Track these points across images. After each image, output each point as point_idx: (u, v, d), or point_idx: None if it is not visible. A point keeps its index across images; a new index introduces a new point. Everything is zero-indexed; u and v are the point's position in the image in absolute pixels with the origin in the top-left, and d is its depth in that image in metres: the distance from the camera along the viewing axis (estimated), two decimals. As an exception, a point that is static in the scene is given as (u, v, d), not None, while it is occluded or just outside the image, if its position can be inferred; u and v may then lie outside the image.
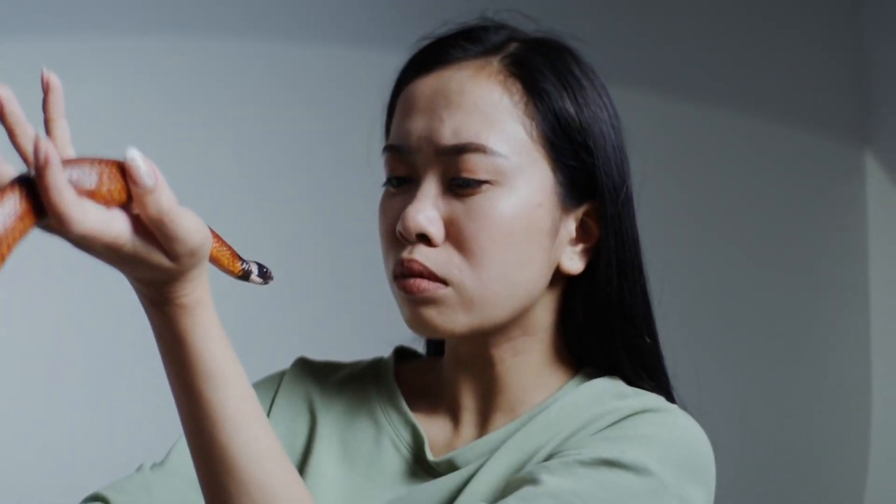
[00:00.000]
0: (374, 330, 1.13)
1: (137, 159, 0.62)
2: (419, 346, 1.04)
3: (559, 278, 0.91)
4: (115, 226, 0.62)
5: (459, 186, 0.86)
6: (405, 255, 0.86)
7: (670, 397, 0.94)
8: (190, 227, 0.64)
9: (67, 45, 2.07)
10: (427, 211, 0.86)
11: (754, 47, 2.78)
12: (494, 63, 0.89)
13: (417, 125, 0.87)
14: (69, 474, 1.91)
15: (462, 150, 0.85)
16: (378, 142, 0.96)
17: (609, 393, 0.90)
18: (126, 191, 0.62)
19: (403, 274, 0.87)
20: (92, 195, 0.60)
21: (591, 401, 0.90)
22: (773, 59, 2.80)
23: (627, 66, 2.63)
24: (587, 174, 0.89)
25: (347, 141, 1.00)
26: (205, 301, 0.68)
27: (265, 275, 0.82)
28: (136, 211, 0.63)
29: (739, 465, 2.68)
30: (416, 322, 0.88)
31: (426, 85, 0.89)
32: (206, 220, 0.66)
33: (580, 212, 0.90)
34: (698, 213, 2.72)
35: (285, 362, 1.03)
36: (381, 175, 0.93)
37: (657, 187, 2.63)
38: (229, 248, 0.78)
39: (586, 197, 0.90)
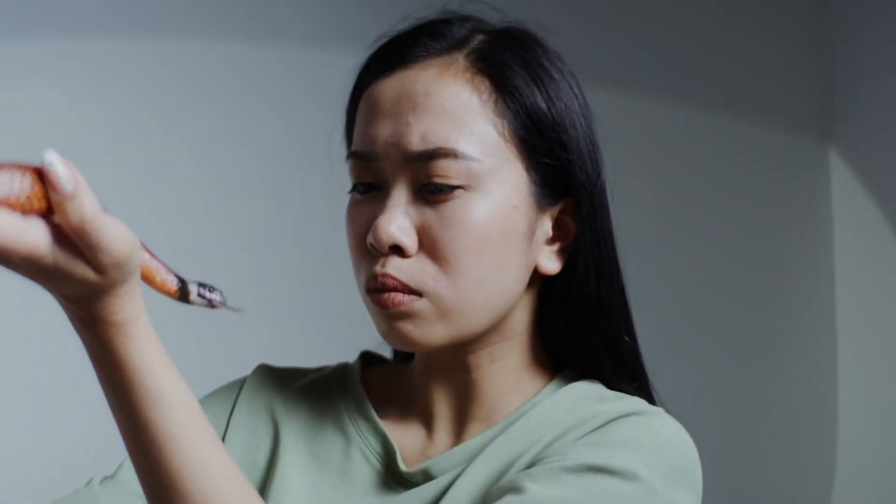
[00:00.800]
0: (338, 334, 1.11)
1: (56, 163, 0.57)
2: (385, 351, 1.00)
3: (536, 279, 0.88)
4: (31, 235, 0.57)
5: (431, 192, 0.82)
6: (378, 269, 0.82)
7: (650, 398, 0.92)
8: (115, 235, 0.59)
9: (25, 47, 2.04)
10: (398, 220, 0.82)
11: (720, 45, 2.79)
12: (460, 60, 0.84)
13: (383, 131, 0.83)
14: (21, 484, 1.88)
15: (432, 155, 0.81)
16: (340, 144, 0.92)
17: (589, 397, 0.87)
18: (46, 198, 0.58)
19: (377, 288, 0.83)
20: (8, 203, 0.56)
21: (570, 405, 0.86)
22: (738, 57, 2.81)
23: (595, 64, 2.62)
24: (562, 171, 0.86)
25: (310, 142, 0.98)
26: (139, 317, 0.64)
27: (208, 296, 0.73)
28: (57, 220, 0.59)
29: (706, 466, 2.68)
30: (393, 336, 0.85)
31: (389, 87, 0.84)
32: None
33: (556, 210, 0.87)
34: (666, 209, 2.72)
35: (246, 369, 0.99)
36: (344, 177, 0.90)
37: (625, 184, 2.66)
38: (162, 263, 0.71)
39: (562, 194, 0.87)
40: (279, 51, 2.25)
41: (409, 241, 0.82)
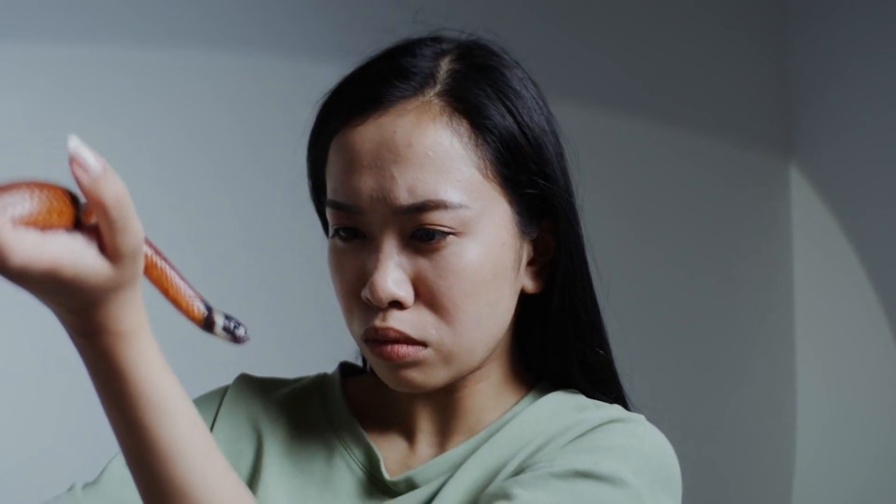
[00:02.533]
0: (313, 344, 1.12)
1: (81, 146, 0.58)
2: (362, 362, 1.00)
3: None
4: (50, 248, 0.57)
5: (421, 240, 0.81)
6: (378, 323, 0.82)
7: (627, 407, 0.93)
8: (137, 220, 0.60)
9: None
10: (393, 274, 0.81)
11: (681, 60, 2.81)
12: (434, 101, 0.83)
13: (366, 184, 0.81)
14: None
15: (421, 208, 0.80)
16: (303, 155, 0.91)
17: (568, 405, 0.89)
18: (62, 213, 0.59)
19: (379, 340, 0.83)
20: (27, 221, 0.57)
21: (551, 413, 0.88)
22: (696, 69, 2.83)
23: (559, 79, 2.64)
24: (542, 197, 0.87)
25: (273, 152, 0.98)
26: (142, 328, 0.63)
27: (233, 331, 0.71)
28: (70, 229, 0.59)
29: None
30: (398, 383, 0.85)
31: (366, 137, 0.82)
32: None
33: (536, 233, 0.88)
34: (627, 223, 2.73)
35: (223, 379, 0.99)
36: (306, 188, 0.90)
37: (589, 198, 2.67)
38: (192, 287, 0.70)
39: (540, 216, 0.88)
40: (242, 59, 2.23)
41: (406, 293, 0.82)
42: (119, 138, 2.11)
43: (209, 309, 0.70)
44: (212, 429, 0.93)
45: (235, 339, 0.72)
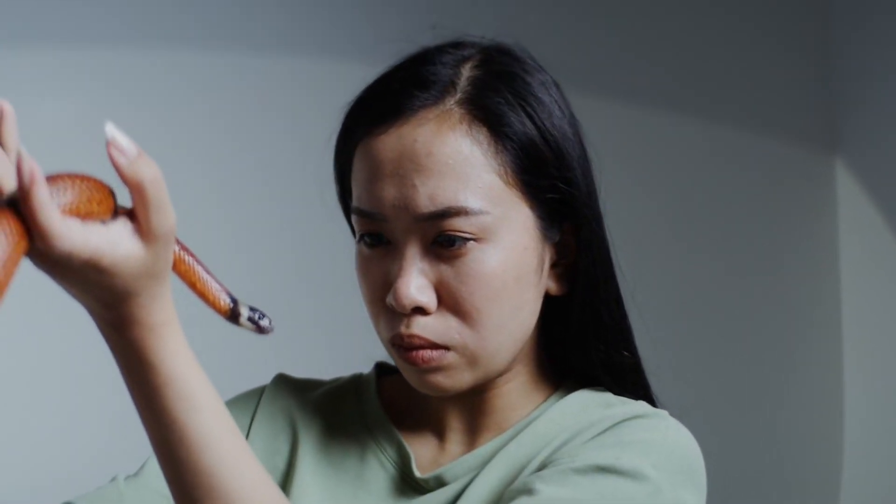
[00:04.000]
0: (351, 345, 1.12)
1: (117, 132, 0.62)
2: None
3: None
4: (94, 239, 0.60)
5: (443, 247, 0.83)
6: (403, 329, 0.84)
7: (654, 406, 0.94)
8: (170, 204, 0.63)
9: (35, 57, 2.05)
10: (416, 281, 0.83)
11: (722, 55, 2.80)
12: (454, 109, 0.84)
13: (388, 193, 0.83)
14: (42, 478, 1.90)
15: (442, 215, 0.82)
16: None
17: (595, 402, 0.90)
18: (101, 202, 0.62)
19: (404, 346, 0.85)
20: (67, 210, 0.60)
21: (578, 410, 0.89)
22: (741, 67, 2.82)
23: (596, 75, 2.64)
24: (563, 200, 0.88)
25: (317, 153, 1.00)
26: (172, 321, 0.66)
27: (258, 321, 0.75)
28: (108, 220, 0.62)
29: (716, 467, 2.68)
30: (425, 387, 0.87)
31: (387, 146, 0.84)
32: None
33: (559, 236, 0.89)
34: (671, 221, 2.73)
35: (261, 379, 1.01)
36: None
37: (630, 196, 2.68)
38: (217, 280, 0.73)
39: (563, 219, 0.89)
40: (289, 62, 2.26)
41: (429, 299, 0.84)
42: (166, 139, 2.14)
43: (234, 301, 0.73)
44: (249, 426, 0.96)
45: (260, 330, 0.75)
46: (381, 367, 1.01)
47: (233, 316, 0.74)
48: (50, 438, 2.02)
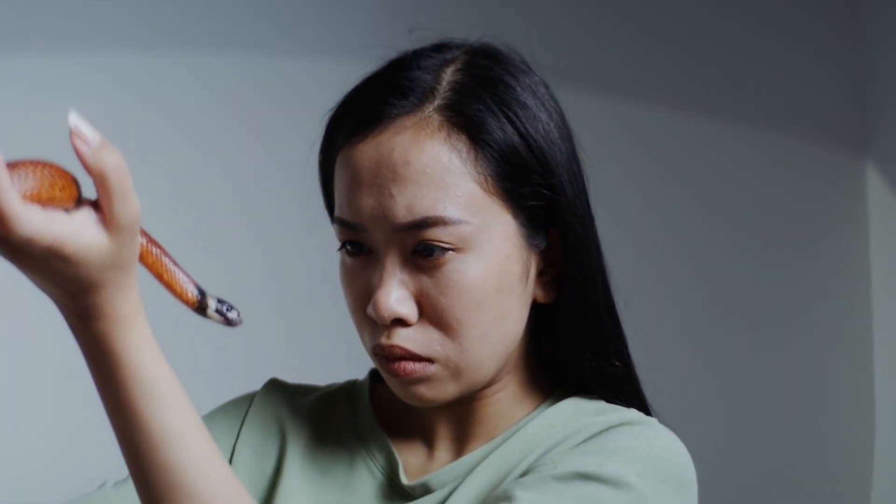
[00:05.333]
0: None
1: (80, 122, 0.62)
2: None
3: (531, 308, 0.89)
4: (56, 226, 0.60)
5: (422, 256, 0.82)
6: (384, 340, 0.83)
7: (648, 415, 0.91)
8: (135, 194, 0.63)
9: (63, 61, 2.07)
10: (396, 293, 0.82)
11: (751, 56, 2.77)
12: (433, 117, 0.82)
13: (367, 202, 0.82)
14: (55, 479, 1.90)
15: (420, 225, 0.81)
16: None
17: (586, 409, 0.89)
18: (64, 188, 0.62)
19: (386, 356, 0.85)
20: (31, 197, 0.60)
21: (568, 417, 0.88)
22: (770, 68, 2.79)
23: (619, 75, 2.63)
24: (547, 206, 0.86)
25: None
26: (138, 313, 0.66)
27: (225, 314, 0.74)
28: (72, 208, 0.62)
29: (744, 478, 2.66)
30: (408, 397, 0.87)
31: (365, 155, 0.83)
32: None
33: (544, 243, 0.87)
34: (697, 224, 2.71)
35: (256, 384, 1.01)
36: None
37: (654, 198, 2.66)
38: (185, 272, 0.73)
39: (548, 225, 0.87)
40: (313, 65, 2.27)
41: (409, 311, 0.83)
42: (189, 142, 2.15)
43: (202, 293, 0.73)
44: (239, 430, 0.96)
45: (228, 322, 0.75)
46: (375, 374, 1.00)
47: (200, 308, 0.73)
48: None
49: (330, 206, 0.92)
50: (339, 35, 2.30)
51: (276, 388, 1.00)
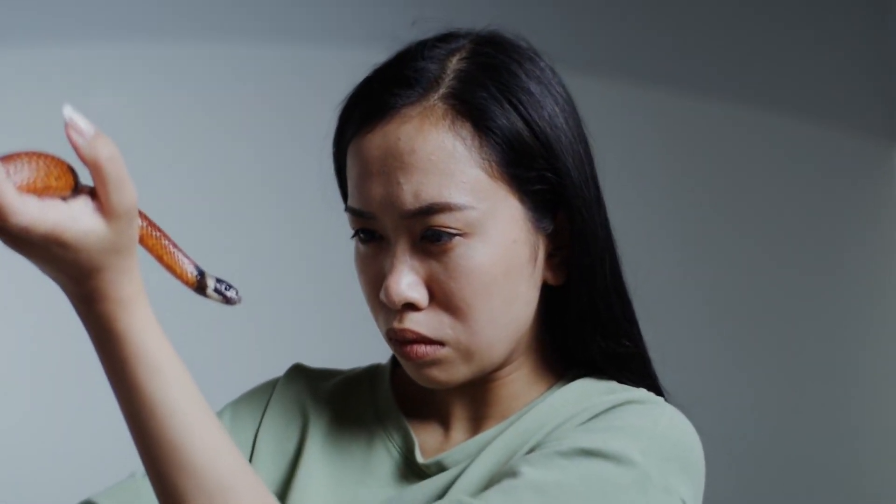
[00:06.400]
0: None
1: (74, 114, 0.64)
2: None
3: (541, 289, 0.91)
4: (52, 213, 0.63)
5: (430, 242, 0.84)
6: (396, 324, 0.86)
7: (659, 395, 0.93)
8: (130, 182, 0.65)
9: (79, 51, 2.08)
10: (406, 278, 0.85)
11: (777, 43, 2.77)
12: (437, 105, 0.85)
13: (376, 191, 0.85)
14: (59, 478, 1.92)
15: (427, 211, 0.83)
16: None
17: (597, 389, 0.91)
18: (60, 177, 0.64)
19: (399, 340, 0.87)
20: (25, 188, 0.62)
21: (578, 396, 0.90)
22: (798, 56, 2.78)
23: (645, 63, 2.62)
24: (554, 190, 0.88)
25: None
26: (139, 295, 0.68)
27: (224, 292, 0.77)
28: (69, 197, 0.64)
29: (768, 472, 2.65)
30: (422, 379, 0.89)
31: (373, 145, 0.86)
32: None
33: (553, 226, 0.89)
34: (723, 214, 2.70)
35: (279, 371, 1.03)
36: None
37: (679, 186, 2.65)
38: (184, 253, 0.76)
39: (556, 208, 0.89)
40: (335, 52, 2.27)
41: (420, 295, 0.85)
42: (213, 131, 2.16)
43: (201, 273, 0.76)
44: (264, 414, 0.99)
45: (227, 301, 0.78)
46: (396, 359, 1.01)
47: (200, 287, 0.76)
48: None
49: (345, 196, 0.95)
50: (363, 22, 2.30)
51: (299, 372, 1.03)
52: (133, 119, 2.07)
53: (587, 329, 0.91)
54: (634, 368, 0.93)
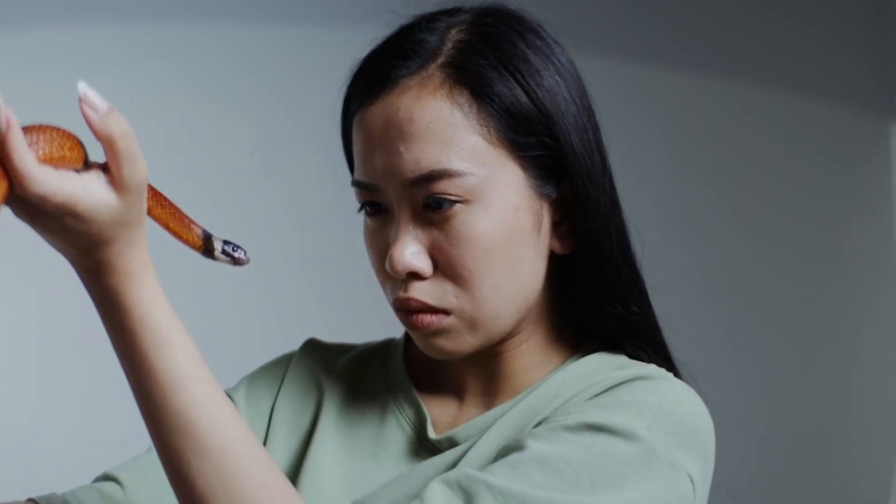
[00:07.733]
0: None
1: (88, 90, 0.66)
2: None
3: (550, 259, 0.91)
4: (67, 185, 0.65)
5: (432, 210, 0.85)
6: (401, 294, 0.87)
7: (672, 368, 0.94)
8: (142, 157, 0.67)
9: (78, 34, 2.08)
10: (410, 247, 0.86)
11: (776, 20, 2.76)
12: (435, 74, 0.86)
13: (378, 162, 0.86)
14: (74, 451, 1.93)
15: (427, 178, 0.84)
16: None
17: (609, 364, 0.91)
18: (73, 148, 0.66)
19: (405, 309, 0.88)
20: (43, 158, 0.64)
21: (590, 371, 0.90)
22: (795, 32, 2.77)
23: (643, 40, 2.62)
24: (556, 157, 0.88)
25: None
26: (147, 268, 0.70)
27: (232, 253, 0.80)
28: (81, 169, 0.66)
29: (766, 459, 2.65)
30: (430, 350, 0.90)
31: (375, 115, 0.87)
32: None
33: (558, 193, 0.90)
34: (715, 193, 2.70)
35: (290, 347, 1.05)
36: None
37: (672, 166, 2.65)
38: (188, 217, 0.77)
39: (561, 176, 0.89)
40: (331, 34, 2.27)
41: (423, 264, 0.86)
42: (213, 114, 2.16)
43: (208, 237, 0.78)
44: (279, 388, 1.00)
45: (235, 262, 0.80)
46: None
47: (207, 250, 0.78)
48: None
49: (353, 171, 0.95)
50: (362, 3, 2.30)
51: (314, 347, 1.04)
52: (131, 101, 2.06)
53: (596, 296, 0.91)
54: (645, 336, 0.93)
